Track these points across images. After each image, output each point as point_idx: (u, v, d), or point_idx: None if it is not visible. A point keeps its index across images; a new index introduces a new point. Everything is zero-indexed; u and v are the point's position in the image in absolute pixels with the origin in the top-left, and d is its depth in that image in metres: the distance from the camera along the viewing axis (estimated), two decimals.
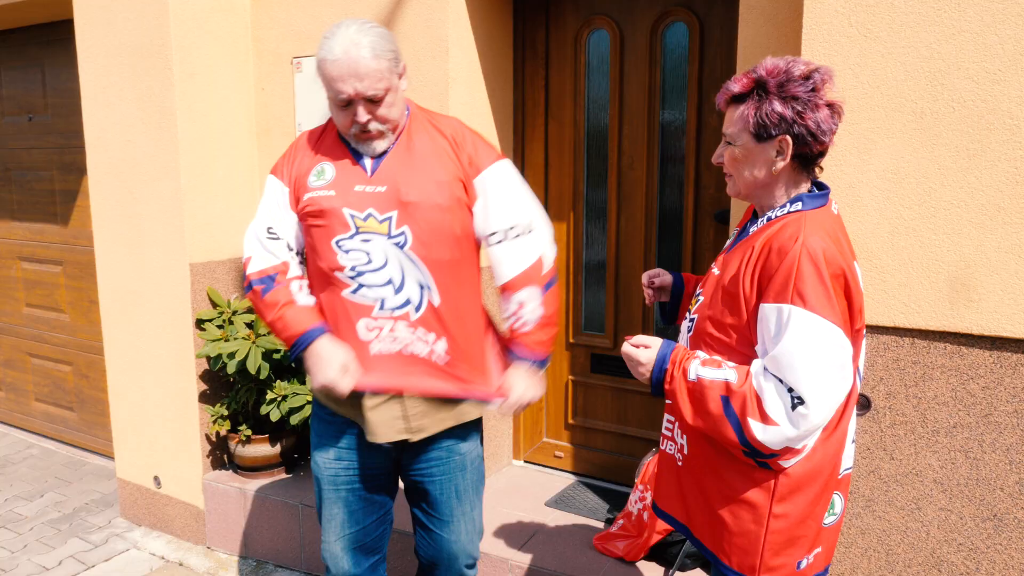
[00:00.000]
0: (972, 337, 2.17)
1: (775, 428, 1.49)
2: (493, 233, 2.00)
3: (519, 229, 2.00)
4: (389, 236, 1.95)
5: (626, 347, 1.69)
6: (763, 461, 1.57)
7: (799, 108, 1.52)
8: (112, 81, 3.49)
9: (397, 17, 3.16)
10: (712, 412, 1.56)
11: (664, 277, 2.03)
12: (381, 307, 1.97)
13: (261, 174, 3.67)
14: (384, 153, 2.00)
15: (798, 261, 1.47)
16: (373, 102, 1.91)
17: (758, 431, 1.50)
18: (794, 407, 1.48)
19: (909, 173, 2.18)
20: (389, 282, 1.97)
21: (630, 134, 3.21)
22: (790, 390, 1.48)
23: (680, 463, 1.78)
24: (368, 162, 2.00)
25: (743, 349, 1.60)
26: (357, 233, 1.95)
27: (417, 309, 1.98)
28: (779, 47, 2.45)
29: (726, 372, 1.56)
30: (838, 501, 1.68)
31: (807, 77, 1.54)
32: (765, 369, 1.52)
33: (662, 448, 1.86)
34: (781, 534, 1.61)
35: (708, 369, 1.58)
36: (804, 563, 1.65)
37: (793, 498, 1.60)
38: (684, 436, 1.75)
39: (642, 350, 1.67)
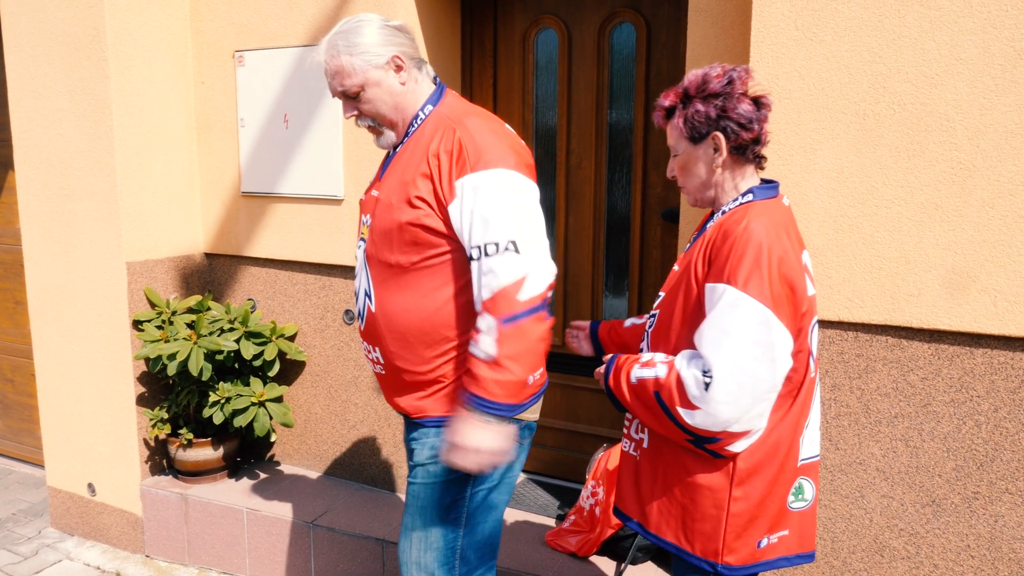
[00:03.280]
0: (912, 330, 2.26)
1: (698, 411, 1.56)
2: (469, 250, 1.77)
3: (493, 249, 1.73)
4: (363, 240, 1.95)
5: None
6: (710, 448, 1.62)
7: (719, 103, 1.64)
8: (41, 71, 3.34)
9: (343, 11, 3.11)
10: (652, 408, 1.64)
11: (582, 324, 2.22)
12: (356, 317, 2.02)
13: (201, 170, 3.57)
14: (395, 153, 1.94)
15: (738, 243, 1.56)
16: (350, 97, 1.89)
17: (687, 416, 1.57)
18: (706, 386, 1.54)
19: (852, 172, 2.26)
20: (356, 291, 2.00)
21: (578, 133, 3.24)
22: (705, 371, 1.55)
23: (638, 459, 1.81)
24: (386, 163, 1.97)
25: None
26: (361, 240, 1.97)
27: (362, 320, 1.98)
28: (727, 49, 2.51)
29: (657, 369, 1.64)
30: (807, 487, 1.73)
31: (724, 76, 1.66)
32: (690, 357, 1.60)
33: (623, 449, 1.89)
34: (741, 516, 1.66)
35: (645, 369, 1.67)
36: (765, 543, 1.69)
37: (751, 481, 1.65)
38: (644, 431, 1.79)
39: (601, 368, 1.81)
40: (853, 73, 2.23)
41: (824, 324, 2.36)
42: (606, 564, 2.78)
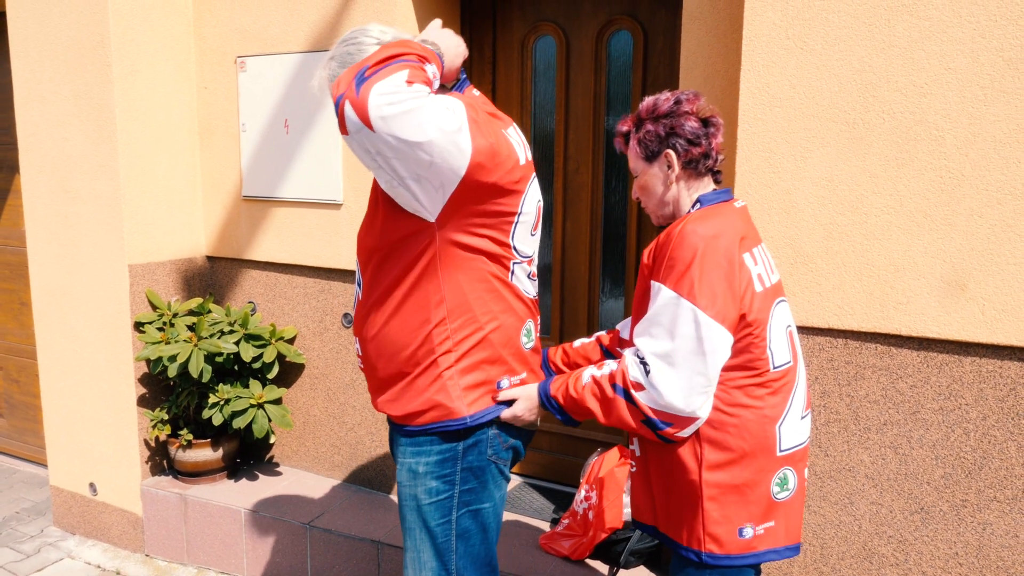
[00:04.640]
0: (901, 338, 2.27)
1: (644, 392, 1.67)
2: None
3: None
4: None
5: (506, 414, 1.86)
6: (661, 434, 1.69)
7: (668, 123, 1.75)
8: (47, 77, 3.39)
9: (344, 18, 3.15)
10: (611, 397, 1.72)
11: None
12: None
13: (203, 174, 3.61)
14: None
15: (674, 244, 1.67)
16: None
17: (640, 397, 1.67)
18: (646, 372, 1.67)
19: (842, 180, 2.27)
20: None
21: (576, 139, 3.26)
22: (642, 359, 1.68)
23: (634, 468, 1.86)
24: None
25: None
26: None
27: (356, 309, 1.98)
28: (720, 57, 2.53)
29: (610, 366, 1.76)
30: (791, 476, 1.76)
31: (671, 99, 1.78)
32: (634, 351, 1.71)
33: (628, 464, 1.95)
34: (715, 501, 1.70)
35: (598, 370, 1.78)
36: (750, 532, 1.71)
37: (725, 467, 1.69)
38: (635, 441, 1.84)
39: (517, 403, 1.85)
40: (843, 82, 2.24)
41: (814, 331, 2.37)
42: (599, 568, 2.80)
